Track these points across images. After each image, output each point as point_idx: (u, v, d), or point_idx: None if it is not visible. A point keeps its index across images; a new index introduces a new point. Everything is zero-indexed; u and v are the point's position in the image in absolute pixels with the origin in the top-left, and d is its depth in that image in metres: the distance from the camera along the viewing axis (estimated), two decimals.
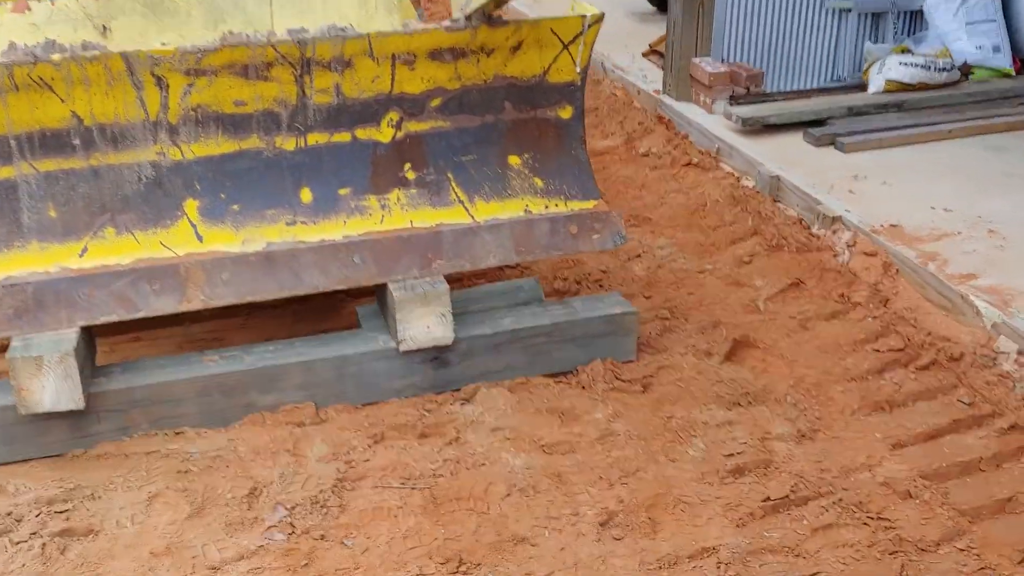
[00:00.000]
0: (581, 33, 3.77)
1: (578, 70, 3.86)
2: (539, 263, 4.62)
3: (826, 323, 4.20)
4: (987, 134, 5.72)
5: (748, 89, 6.12)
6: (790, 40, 6.41)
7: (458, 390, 3.74)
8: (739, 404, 3.68)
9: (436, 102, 3.72)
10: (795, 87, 6.49)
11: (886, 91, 6.07)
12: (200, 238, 3.54)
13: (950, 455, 3.39)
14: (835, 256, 4.60)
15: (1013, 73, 6.37)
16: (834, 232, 4.71)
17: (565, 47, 3.78)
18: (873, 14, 6.48)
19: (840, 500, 3.17)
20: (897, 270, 4.34)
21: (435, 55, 3.63)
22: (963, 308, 3.98)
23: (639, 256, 4.86)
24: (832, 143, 5.56)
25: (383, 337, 3.68)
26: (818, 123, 5.82)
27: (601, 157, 6.13)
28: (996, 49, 6.34)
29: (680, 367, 3.89)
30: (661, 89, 6.55)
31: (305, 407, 3.57)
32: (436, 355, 3.70)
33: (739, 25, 6.29)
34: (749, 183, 5.38)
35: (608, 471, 3.31)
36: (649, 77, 6.84)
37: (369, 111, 3.64)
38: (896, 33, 6.47)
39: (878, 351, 3.96)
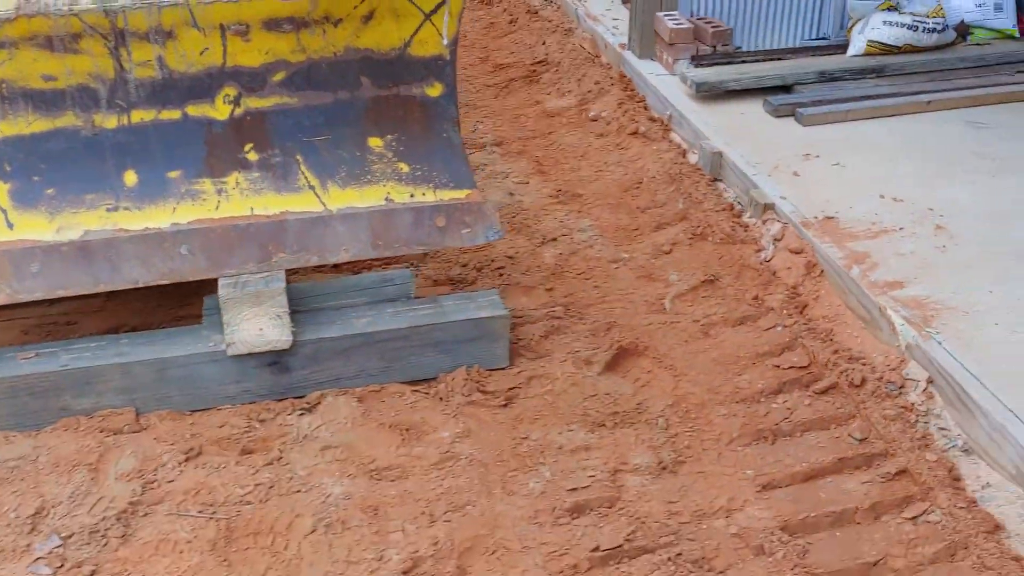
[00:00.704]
0: (444, 3, 3.33)
1: (445, 43, 3.42)
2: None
3: (732, 330, 3.76)
4: (975, 106, 5.12)
5: (715, 48, 5.58)
6: None
7: (302, 397, 3.42)
8: (604, 425, 3.29)
9: (279, 76, 3.33)
10: (773, 45, 5.91)
11: (867, 54, 5.48)
12: (10, 225, 3.22)
13: (824, 501, 2.98)
14: (758, 251, 4.13)
15: (1017, 35, 5.71)
16: (764, 222, 4.24)
17: (427, 17, 3.35)
18: None
19: (680, 554, 2.79)
20: (821, 272, 3.87)
21: (271, 25, 3.23)
22: (880, 322, 3.52)
23: (555, 240, 4.44)
24: (792, 114, 5.02)
25: (217, 337, 3.36)
26: (785, 89, 5.29)
27: (550, 120, 5.67)
28: (999, 7, 5.68)
29: (554, 377, 3.51)
30: (627, 44, 6.03)
31: (124, 413, 3.27)
32: (274, 359, 3.37)
33: None
34: (694, 158, 4.90)
35: (434, 504, 2.97)
36: (620, 29, 6.30)
37: (201, 86, 3.27)
38: None
39: (779, 367, 3.53)
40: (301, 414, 3.34)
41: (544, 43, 6.66)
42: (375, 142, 3.49)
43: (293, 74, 3.34)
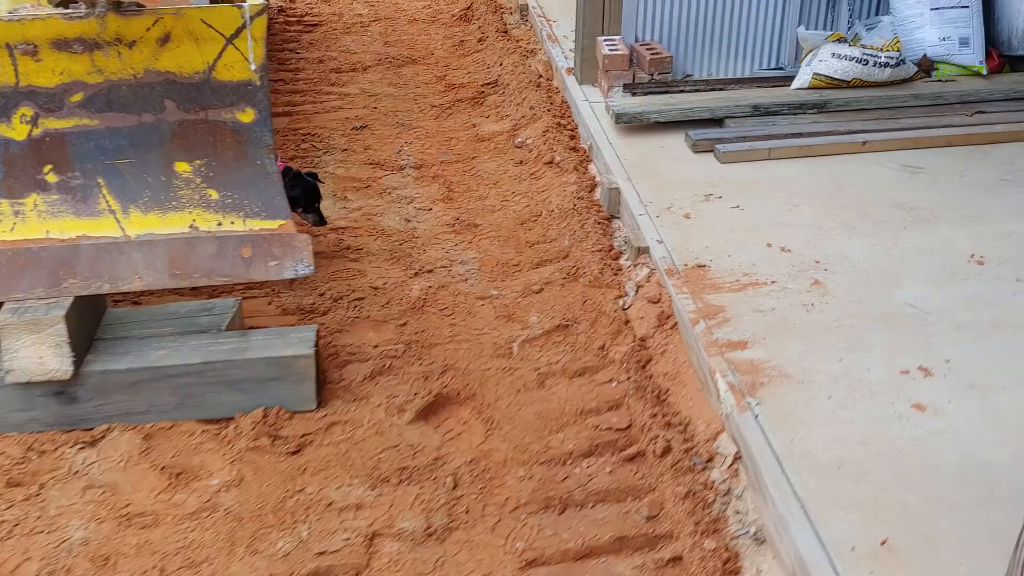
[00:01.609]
0: (244, 26, 3.16)
1: (253, 68, 3.25)
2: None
3: (568, 381, 3.49)
4: (918, 148, 4.73)
5: (652, 76, 5.29)
6: (721, 19, 5.51)
7: (90, 429, 3.28)
8: (389, 481, 3.07)
9: (77, 97, 3.21)
10: (727, 74, 5.60)
11: (812, 87, 5.12)
12: None
13: None
14: (619, 297, 3.85)
15: (984, 72, 5.27)
16: (635, 266, 3.95)
17: (228, 41, 3.18)
18: None
19: None
20: (674, 324, 3.57)
21: (61, 45, 3.11)
22: (710, 386, 3.21)
23: (430, 272, 4.24)
24: (712, 150, 4.71)
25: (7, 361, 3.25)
26: (717, 122, 4.97)
27: (479, 145, 5.46)
28: (964, 42, 5.25)
29: (359, 424, 3.30)
30: (572, 68, 5.79)
31: None
32: (60, 389, 3.24)
33: (654, 1, 5.43)
34: (599, 193, 4.63)
35: (170, 558, 2.79)
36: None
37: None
38: (852, 16, 5.46)
39: (598, 428, 3.25)
40: (81, 448, 3.20)
41: (501, 64, 6.45)
42: (182, 167, 3.34)
43: (92, 96, 3.21)
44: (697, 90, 5.24)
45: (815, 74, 5.10)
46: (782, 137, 4.75)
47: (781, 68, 5.52)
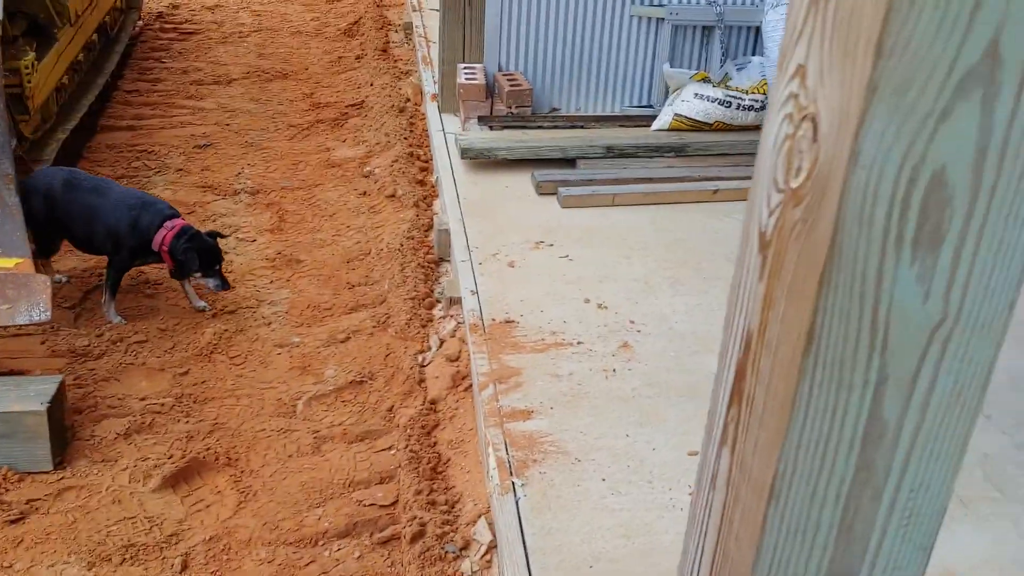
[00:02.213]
0: None
1: None
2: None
3: (346, 447, 3.18)
4: None
5: (511, 108, 5.02)
6: (590, 52, 5.26)
7: None
8: (111, 560, 2.73)
9: None
10: (595, 110, 5.35)
11: (672, 128, 4.88)
12: None
13: None
14: (421, 352, 3.55)
15: None
16: (445, 318, 3.66)
17: None
18: (700, 28, 5.26)
19: None
20: (468, 386, 3.28)
21: None
22: (485, 458, 2.91)
23: (232, 313, 3.90)
24: (555, 192, 4.44)
25: None
26: (569, 163, 4.70)
27: (327, 171, 5.14)
28: None
29: (98, 490, 2.96)
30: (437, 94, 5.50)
31: None
32: None
33: (519, 28, 5.17)
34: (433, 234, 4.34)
35: None
36: None
37: None
38: (724, 54, 5.24)
39: (362, 503, 2.94)
40: None
41: (372, 84, 6.15)
42: None
43: None
44: (556, 126, 4.98)
45: (676, 115, 4.86)
46: (631, 182, 4.49)
47: (651, 106, 5.28)
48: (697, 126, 4.85)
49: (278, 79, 6.37)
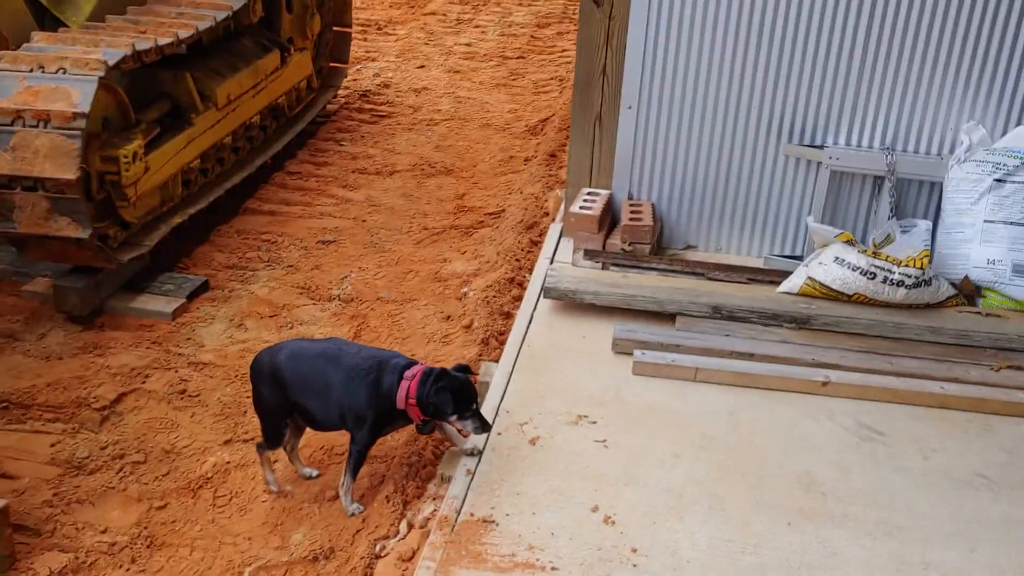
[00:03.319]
0: None
1: None
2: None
3: None
4: (899, 403, 3.65)
5: (625, 244, 4.47)
6: (733, 188, 4.62)
7: None
8: None
9: None
10: (734, 252, 4.71)
11: (803, 293, 4.13)
12: None
13: None
14: (386, 537, 3.09)
15: None
16: (432, 498, 3.19)
17: None
18: (865, 177, 4.46)
19: None
20: None
21: None
22: None
23: (251, 440, 3.66)
24: (632, 353, 3.84)
25: None
26: (670, 318, 4.08)
27: (431, 286, 4.83)
28: (1019, 270, 4.07)
29: None
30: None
31: None
32: None
33: (653, 153, 4.63)
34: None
35: None
36: None
37: None
38: (892, 212, 4.39)
39: None
40: None
41: (522, 192, 5.81)
42: None
43: None
44: (671, 270, 4.37)
45: (809, 279, 4.10)
46: (724, 355, 3.81)
47: (799, 258, 4.53)
48: (832, 295, 4.07)
49: (440, 175, 6.18)
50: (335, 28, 7.11)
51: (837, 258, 4.08)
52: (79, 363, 4.08)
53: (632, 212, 4.56)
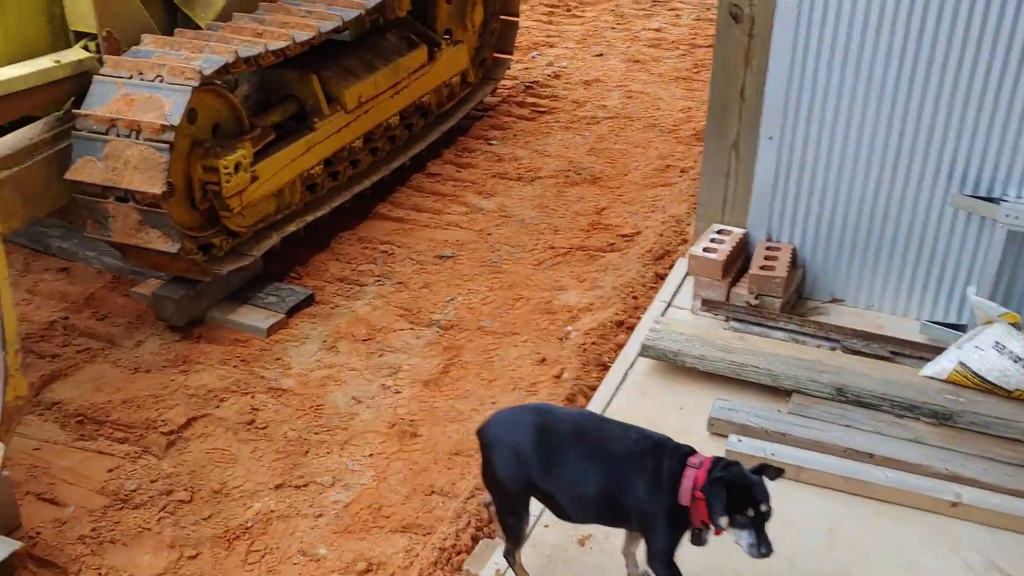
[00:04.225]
0: None
1: None
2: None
3: None
4: None
5: (755, 297, 3.91)
6: (890, 238, 3.95)
7: None
8: None
9: None
10: (891, 310, 4.03)
11: (951, 380, 3.43)
12: None
13: None
14: None
15: None
16: None
17: None
18: None
19: None
20: None
21: None
22: None
23: (304, 487, 3.45)
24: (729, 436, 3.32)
25: None
26: (785, 394, 3.51)
27: (536, 318, 4.45)
28: None
29: None
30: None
31: None
32: None
33: (798, 190, 4.01)
34: None
35: None
36: None
37: None
38: None
39: None
40: None
41: (665, 211, 5.30)
42: None
43: None
44: (800, 333, 3.77)
45: (961, 364, 3.41)
46: (837, 452, 3.21)
47: (962, 328, 3.81)
48: (986, 388, 3.36)
49: (584, 184, 5.75)
50: (502, 16, 6.76)
51: (998, 343, 3.36)
52: (161, 379, 4.01)
53: (766, 258, 3.98)
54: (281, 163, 4.59)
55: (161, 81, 3.93)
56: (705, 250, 4.00)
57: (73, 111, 3.97)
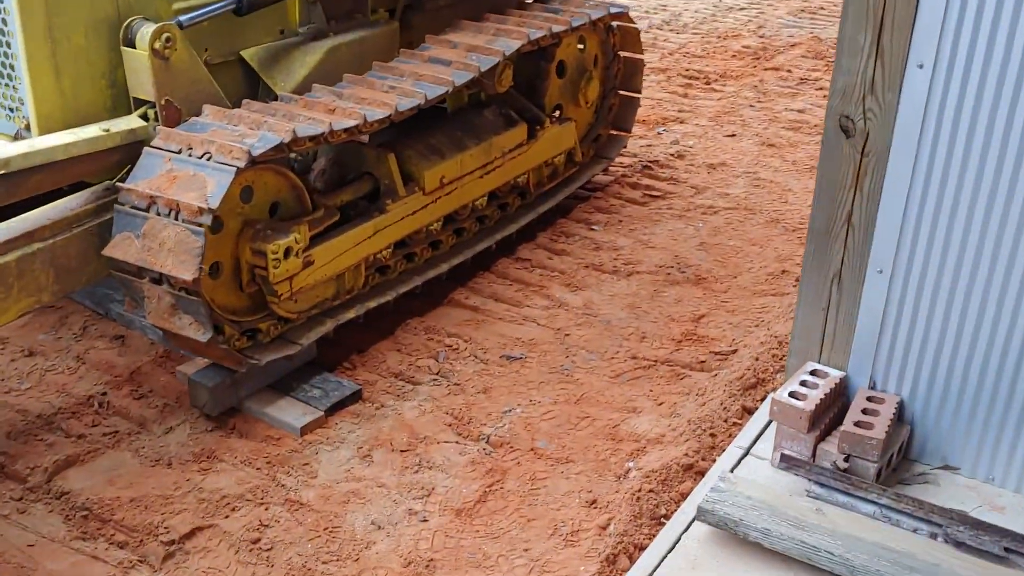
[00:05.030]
0: None
1: None
2: None
3: None
4: None
5: (845, 458, 3.30)
6: (1021, 402, 3.25)
7: None
8: None
9: None
10: (1016, 487, 3.33)
11: None
12: None
13: None
14: None
15: None
16: None
17: None
18: None
19: None
20: None
21: None
22: None
23: None
24: None
25: None
26: None
27: (596, 444, 3.95)
28: None
29: None
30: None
31: None
32: None
33: (910, 333, 3.39)
34: None
35: None
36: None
37: None
38: None
39: None
40: None
41: (770, 327, 4.70)
42: None
43: None
44: (892, 509, 3.13)
45: None
46: None
47: None
48: None
49: (686, 284, 5.20)
50: (621, 92, 6.33)
51: None
52: (176, 477, 3.72)
53: (864, 411, 3.36)
54: (342, 247, 4.27)
55: (208, 159, 3.67)
56: (792, 394, 3.41)
57: (116, 183, 3.77)
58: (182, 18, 3.99)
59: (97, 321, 4.72)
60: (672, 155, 6.93)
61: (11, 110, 3.83)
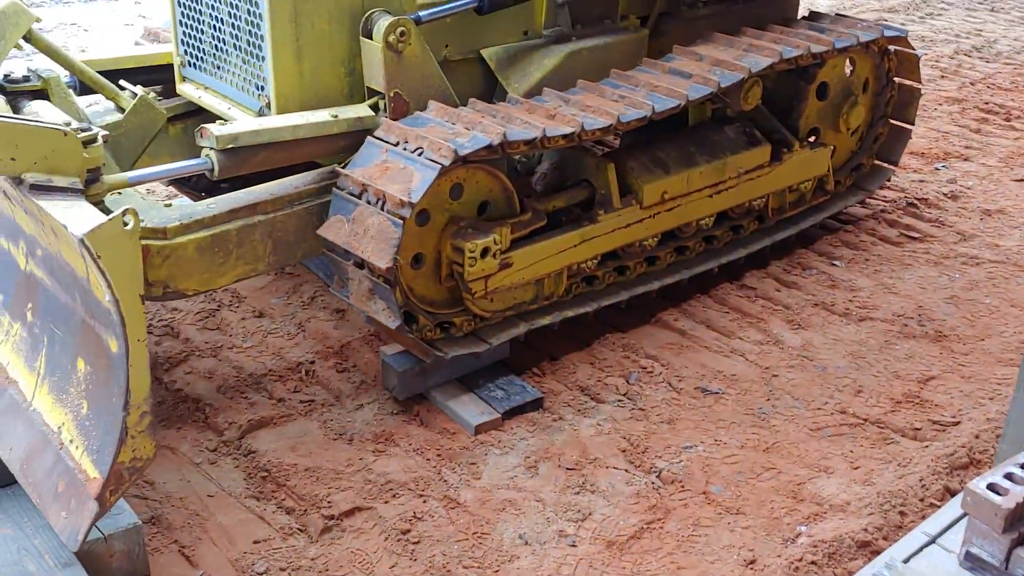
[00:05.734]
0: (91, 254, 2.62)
1: (108, 297, 2.70)
2: None
3: None
4: None
5: None
6: None
7: None
8: None
9: (39, 251, 3.10)
10: None
11: None
12: None
13: None
14: None
15: None
16: None
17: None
18: None
19: None
20: None
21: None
22: None
23: None
24: None
25: None
26: None
27: (780, 502, 3.68)
28: None
29: None
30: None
31: None
32: None
33: None
34: None
35: None
36: None
37: (11, 228, 3.25)
38: None
39: None
40: None
41: (1004, 400, 4.16)
42: (81, 364, 2.99)
43: (45, 256, 3.06)
44: None
45: None
46: None
47: None
48: None
49: (923, 339, 4.72)
50: (891, 121, 5.85)
51: None
52: (350, 454, 3.86)
53: None
54: (544, 252, 4.24)
55: (420, 154, 3.76)
56: (991, 486, 2.98)
57: (336, 168, 3.95)
58: (421, 13, 4.11)
59: (325, 293, 4.99)
60: (945, 195, 6.32)
61: (259, 88, 4.10)
